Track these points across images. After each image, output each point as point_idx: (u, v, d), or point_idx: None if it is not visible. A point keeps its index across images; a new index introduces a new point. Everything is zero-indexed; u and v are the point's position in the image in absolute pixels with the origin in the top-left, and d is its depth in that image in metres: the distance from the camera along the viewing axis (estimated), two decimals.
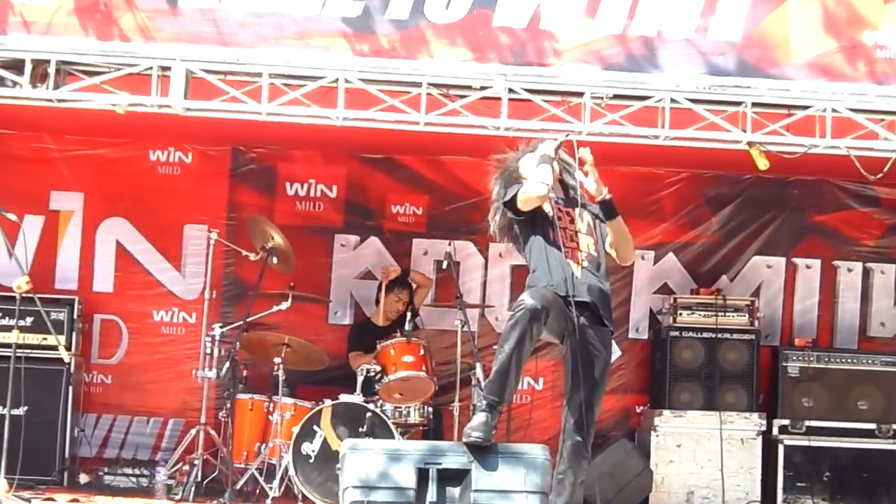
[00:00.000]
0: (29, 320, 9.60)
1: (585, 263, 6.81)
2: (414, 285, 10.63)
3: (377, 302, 10.52)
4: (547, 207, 6.85)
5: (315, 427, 9.15)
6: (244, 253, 10.11)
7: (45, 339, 9.61)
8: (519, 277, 10.37)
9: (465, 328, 9.76)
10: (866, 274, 11.34)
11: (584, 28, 8.63)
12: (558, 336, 6.77)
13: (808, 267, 11.33)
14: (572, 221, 6.89)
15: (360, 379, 9.50)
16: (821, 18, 8.68)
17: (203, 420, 9.62)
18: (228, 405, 9.46)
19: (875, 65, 8.67)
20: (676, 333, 10.64)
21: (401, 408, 9.61)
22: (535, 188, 6.72)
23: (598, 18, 8.62)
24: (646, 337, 11.23)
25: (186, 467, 9.54)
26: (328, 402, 9.29)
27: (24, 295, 8.47)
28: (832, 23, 8.67)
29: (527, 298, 6.48)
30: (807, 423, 10.44)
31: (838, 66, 8.66)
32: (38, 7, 8.41)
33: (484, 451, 6.33)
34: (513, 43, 8.61)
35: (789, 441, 10.41)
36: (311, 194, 11.15)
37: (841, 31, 8.66)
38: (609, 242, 6.98)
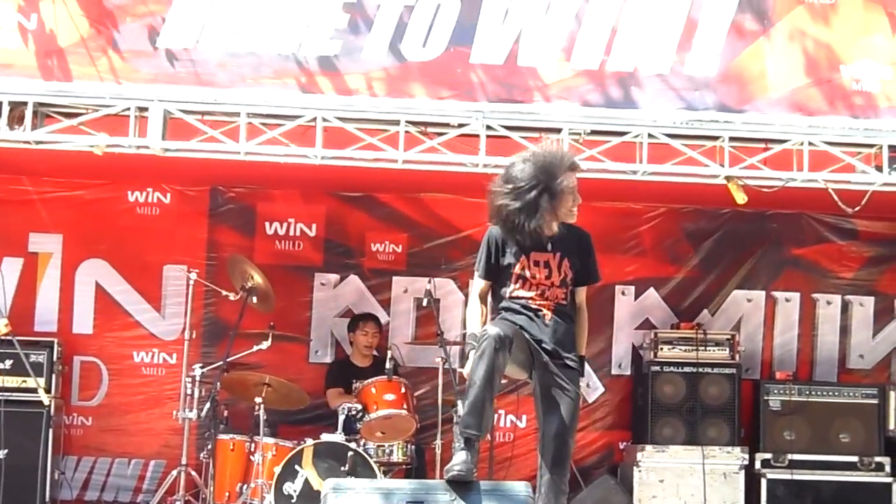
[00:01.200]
0: (8, 363, 9.55)
1: (553, 314, 6.73)
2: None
3: (350, 343, 10.59)
4: (518, 268, 6.74)
5: (297, 467, 9.11)
6: (224, 293, 10.09)
7: (24, 381, 9.57)
8: None
9: (447, 365, 9.74)
10: (845, 306, 11.33)
11: (561, 64, 8.67)
12: (525, 369, 6.70)
13: (787, 300, 11.33)
14: (549, 276, 6.76)
15: (341, 418, 9.48)
16: (796, 54, 8.73)
17: (184, 461, 9.55)
18: (210, 446, 9.41)
19: (851, 98, 8.72)
20: (657, 368, 10.62)
21: (383, 446, 9.58)
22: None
23: (575, 55, 8.67)
24: (628, 373, 11.18)
25: None
26: (310, 442, 9.25)
27: (2, 337, 8.44)
28: (808, 58, 8.72)
29: (490, 328, 6.43)
30: (789, 456, 10.43)
31: (814, 101, 8.71)
32: (10, 49, 8.43)
33: (466, 489, 6.29)
34: (491, 80, 8.64)
35: (772, 475, 10.40)
36: (291, 233, 11.12)
37: (817, 66, 8.72)
38: None
